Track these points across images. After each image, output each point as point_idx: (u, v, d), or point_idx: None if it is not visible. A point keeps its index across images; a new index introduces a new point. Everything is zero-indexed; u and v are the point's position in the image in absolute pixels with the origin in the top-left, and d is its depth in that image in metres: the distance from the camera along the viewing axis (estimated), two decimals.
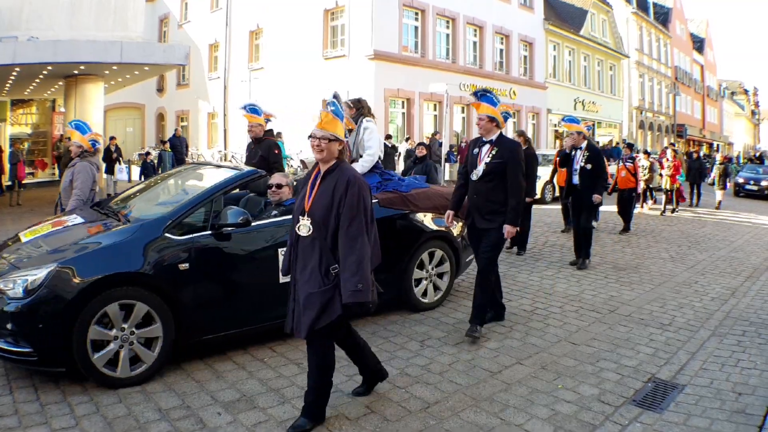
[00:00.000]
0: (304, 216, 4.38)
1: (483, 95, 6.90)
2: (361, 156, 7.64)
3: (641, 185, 18.20)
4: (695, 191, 23.38)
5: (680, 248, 12.90)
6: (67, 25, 17.76)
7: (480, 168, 6.75)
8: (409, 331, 6.88)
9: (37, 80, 20.35)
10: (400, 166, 21.44)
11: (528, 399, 5.12)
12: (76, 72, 18.32)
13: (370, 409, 4.86)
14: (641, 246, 13.01)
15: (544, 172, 18.57)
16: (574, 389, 5.34)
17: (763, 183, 30.02)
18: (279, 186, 6.83)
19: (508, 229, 6.56)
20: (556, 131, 39.07)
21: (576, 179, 10.73)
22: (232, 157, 32.54)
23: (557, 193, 19.26)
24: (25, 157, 22.27)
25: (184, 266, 5.47)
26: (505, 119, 7.41)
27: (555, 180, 17.41)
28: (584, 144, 10.78)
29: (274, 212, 6.50)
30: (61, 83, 20.72)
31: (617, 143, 39.22)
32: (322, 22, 28.47)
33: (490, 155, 6.70)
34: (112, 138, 21.43)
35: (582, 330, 7.08)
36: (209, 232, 5.73)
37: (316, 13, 28.60)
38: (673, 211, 19.94)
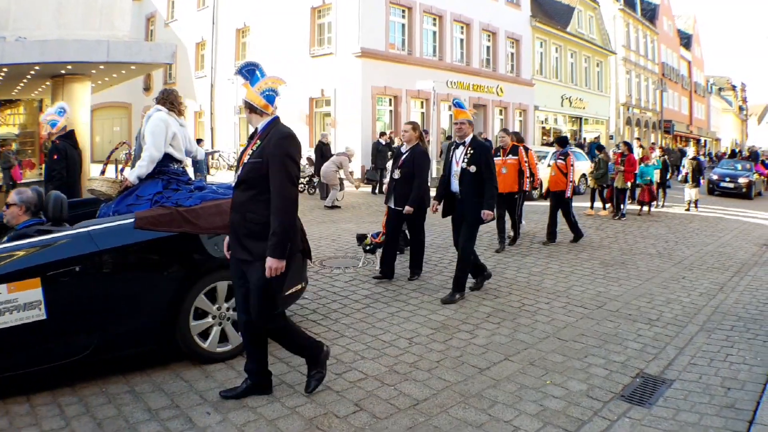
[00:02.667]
0: None
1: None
2: None
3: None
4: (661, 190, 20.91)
5: (667, 244, 12.94)
6: (54, 25, 17.65)
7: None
8: (398, 328, 6.87)
9: (25, 80, 20.22)
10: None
11: (516, 395, 5.13)
12: (63, 72, 18.21)
13: (359, 406, 4.86)
14: (629, 242, 13.05)
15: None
16: (562, 385, 5.35)
17: (741, 180, 27.14)
18: (8, 205, 5.56)
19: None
20: (543, 128, 39.21)
21: (455, 185, 8.17)
22: (219, 155, 32.50)
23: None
24: (20, 158, 22.01)
25: None
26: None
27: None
28: (469, 138, 8.11)
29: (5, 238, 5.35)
30: (48, 83, 20.58)
31: (595, 140, 39.32)
32: (309, 20, 28.45)
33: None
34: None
35: (570, 326, 7.10)
36: None
37: (303, 11, 28.58)
38: (639, 212, 18.21)
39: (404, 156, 9.06)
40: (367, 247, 9.84)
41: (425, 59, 29.34)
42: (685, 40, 71.46)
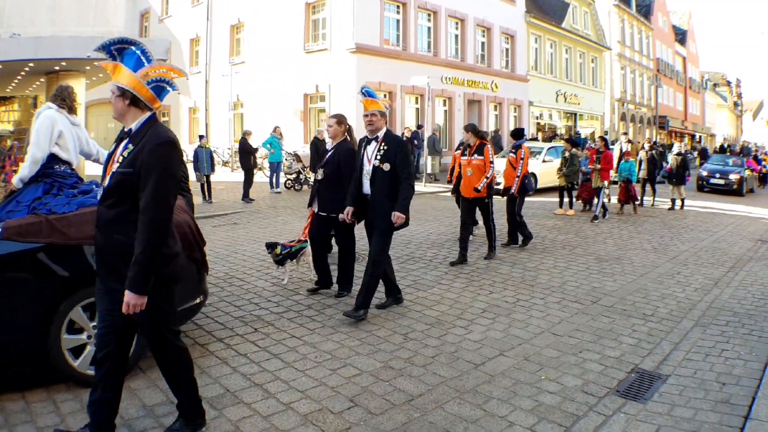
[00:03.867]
0: None
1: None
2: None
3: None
4: (648, 188, 19.46)
5: (662, 239, 12.96)
6: (49, 21, 17.66)
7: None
8: (393, 324, 6.86)
9: (19, 77, 20.21)
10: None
11: (511, 390, 5.13)
12: (57, 68, 18.21)
13: (354, 402, 4.85)
14: (623, 237, 13.06)
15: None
16: (557, 380, 5.35)
17: (732, 176, 26.01)
18: None
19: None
20: (538, 123, 39.20)
21: (366, 186, 7.21)
22: (214, 151, 32.43)
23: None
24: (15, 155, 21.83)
25: None
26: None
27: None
28: (382, 132, 7.17)
29: None
30: (42, 80, 20.58)
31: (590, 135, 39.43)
32: (303, 16, 28.38)
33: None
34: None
35: (565, 321, 7.10)
36: None
37: (297, 7, 28.51)
38: (621, 210, 17.08)
39: (329, 154, 8.07)
40: (278, 257, 8.45)
41: (420, 55, 29.31)
42: (680, 36, 71.56)
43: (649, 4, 59.40)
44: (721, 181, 26.10)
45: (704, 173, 27.03)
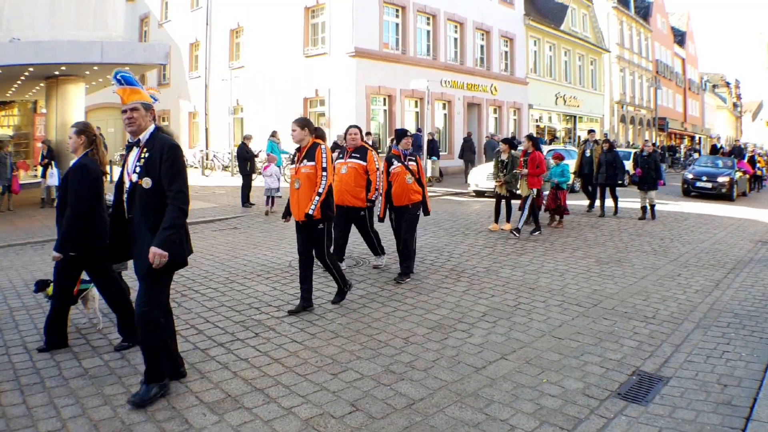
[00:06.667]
0: None
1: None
2: None
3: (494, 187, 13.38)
4: (605, 195, 17.02)
5: (663, 241, 12.94)
6: (48, 25, 17.68)
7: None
8: (394, 328, 6.86)
9: (19, 81, 20.23)
10: None
11: (513, 394, 5.12)
12: (57, 73, 18.24)
13: (355, 407, 4.85)
14: (624, 239, 13.05)
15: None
16: (558, 383, 5.34)
17: (720, 179, 23.51)
18: None
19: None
20: (538, 126, 39.22)
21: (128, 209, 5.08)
22: (214, 156, 32.45)
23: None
24: (14, 160, 21.77)
25: None
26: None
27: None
28: (147, 133, 4.98)
29: None
30: (42, 84, 20.61)
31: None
32: (302, 20, 28.42)
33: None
34: (44, 142, 19.72)
35: (566, 324, 7.09)
36: None
37: (296, 11, 28.56)
38: (536, 229, 13.51)
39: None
40: (48, 297, 6.49)
41: (419, 58, 29.35)
42: (679, 38, 71.68)
43: (648, 6, 59.53)
44: (708, 185, 23.68)
45: (690, 176, 24.82)
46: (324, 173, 7.16)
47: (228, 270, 9.81)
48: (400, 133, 9.55)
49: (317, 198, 7.13)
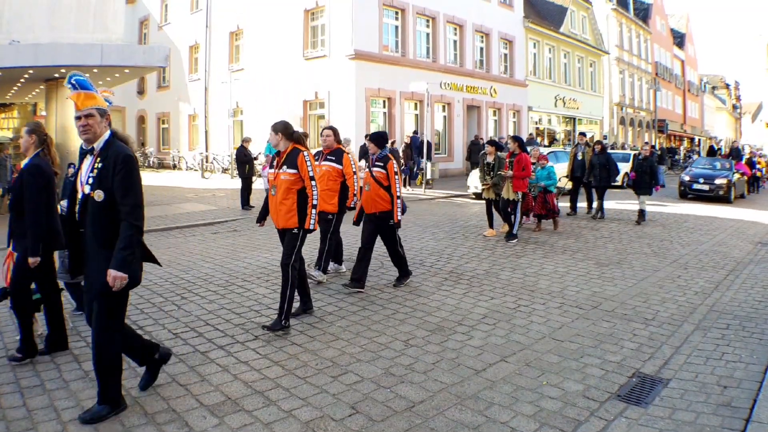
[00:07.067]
0: None
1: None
2: None
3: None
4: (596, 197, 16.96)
5: (662, 243, 12.94)
6: (48, 27, 17.67)
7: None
8: (394, 330, 6.86)
9: (19, 84, 20.24)
10: None
11: (513, 396, 5.13)
12: (56, 75, 18.22)
13: (355, 409, 4.85)
14: (623, 241, 13.05)
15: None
16: (558, 385, 5.35)
17: (718, 181, 22.94)
18: None
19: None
20: (537, 128, 39.23)
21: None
22: (214, 158, 32.45)
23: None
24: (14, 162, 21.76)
25: None
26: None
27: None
28: (102, 141, 4.68)
29: None
30: (42, 87, 20.61)
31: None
32: (302, 23, 28.42)
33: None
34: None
35: (565, 326, 7.10)
36: None
37: (296, 14, 28.56)
38: (510, 233, 12.94)
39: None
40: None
41: (419, 61, 29.37)
42: (678, 39, 71.71)
43: (647, 8, 59.58)
44: (706, 187, 23.12)
45: (686, 178, 24.18)
46: (313, 182, 6.88)
47: (228, 273, 9.81)
48: (372, 137, 9.10)
49: (313, 211, 6.88)
